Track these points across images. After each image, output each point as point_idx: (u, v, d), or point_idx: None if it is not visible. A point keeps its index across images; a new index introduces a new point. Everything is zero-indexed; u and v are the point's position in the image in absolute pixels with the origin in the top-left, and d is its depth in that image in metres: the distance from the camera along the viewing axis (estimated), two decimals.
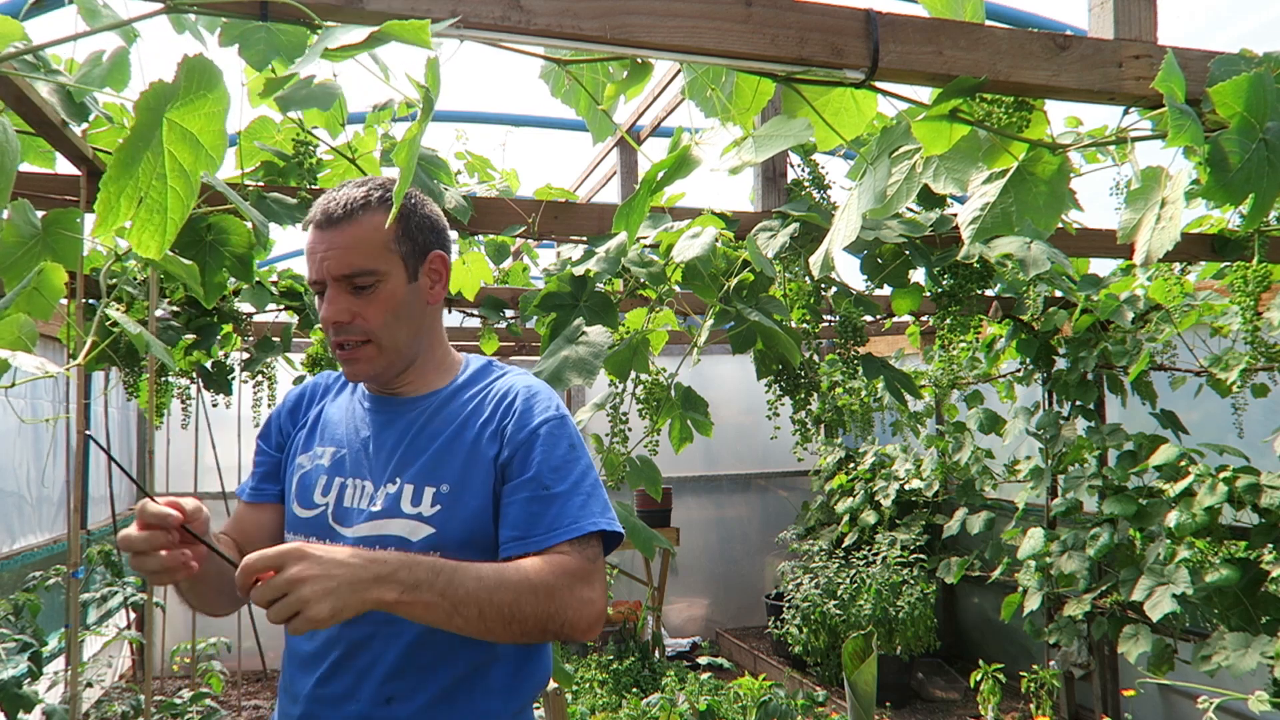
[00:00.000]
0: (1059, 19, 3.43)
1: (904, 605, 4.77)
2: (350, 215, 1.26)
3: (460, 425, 1.32)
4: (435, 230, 1.34)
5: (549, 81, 1.71)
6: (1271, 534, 3.00)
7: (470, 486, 1.27)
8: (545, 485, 1.25)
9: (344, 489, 1.34)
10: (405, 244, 1.29)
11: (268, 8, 0.99)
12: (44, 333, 3.67)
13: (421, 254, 1.32)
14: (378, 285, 1.26)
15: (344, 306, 1.26)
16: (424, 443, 1.31)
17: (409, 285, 1.30)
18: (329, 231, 1.26)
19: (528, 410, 1.30)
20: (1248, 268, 2.63)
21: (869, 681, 2.08)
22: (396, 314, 1.29)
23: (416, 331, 1.33)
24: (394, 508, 1.28)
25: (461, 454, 1.29)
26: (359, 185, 1.30)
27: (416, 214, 1.32)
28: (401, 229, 1.29)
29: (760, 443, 6.21)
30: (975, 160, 1.30)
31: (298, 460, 1.41)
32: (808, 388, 2.22)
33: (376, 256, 1.26)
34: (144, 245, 1.00)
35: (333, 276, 1.26)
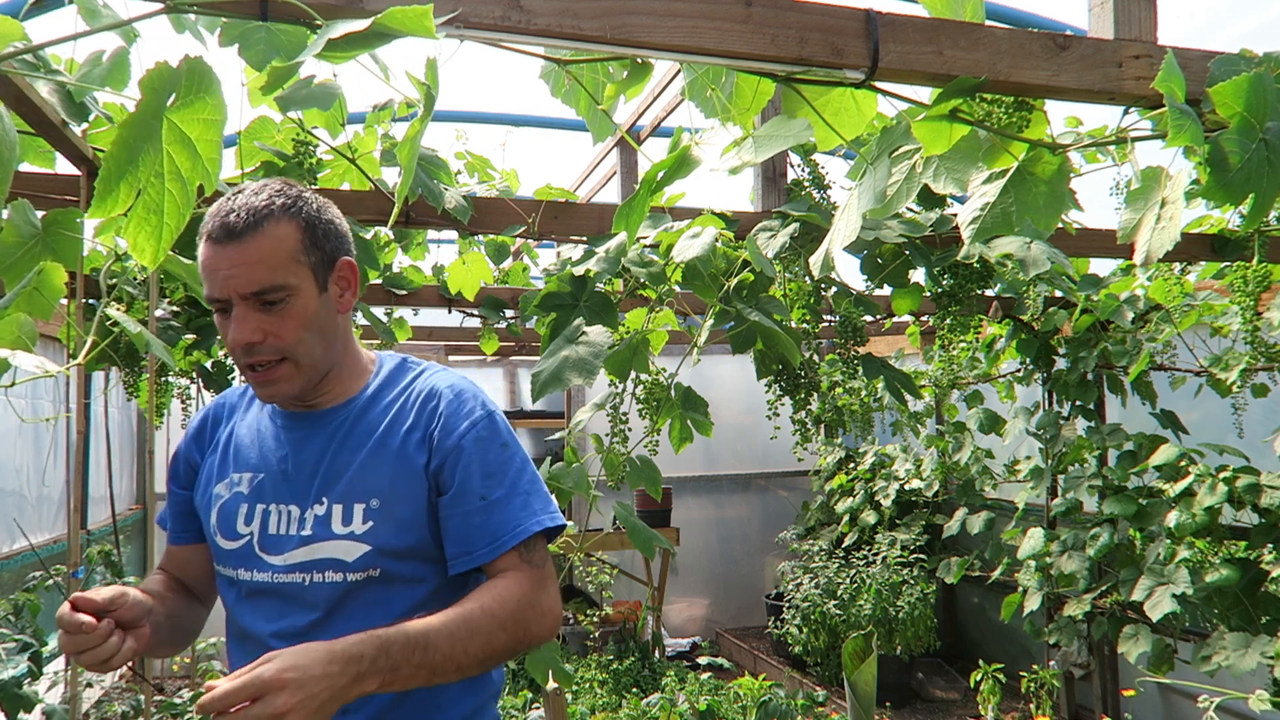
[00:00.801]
0: (1059, 19, 3.43)
1: (904, 605, 4.77)
2: (254, 227, 1.17)
3: (384, 434, 1.27)
4: (341, 236, 1.27)
5: (549, 81, 1.71)
6: (1271, 534, 3.00)
7: (401, 497, 1.23)
8: (482, 495, 1.22)
9: (267, 516, 1.28)
10: (313, 254, 1.21)
11: (268, 7, 0.99)
12: (44, 333, 3.67)
13: (330, 262, 1.24)
14: (289, 300, 1.19)
15: (255, 325, 1.18)
16: (347, 456, 1.26)
17: (320, 296, 1.23)
18: (230, 246, 1.17)
19: (454, 414, 1.25)
20: (1248, 268, 2.63)
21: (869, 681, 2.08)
22: (310, 328, 1.22)
23: (331, 343, 1.26)
24: (324, 530, 1.23)
25: (388, 464, 1.24)
26: (257, 192, 1.21)
27: (321, 220, 1.24)
28: (308, 238, 1.21)
29: (760, 443, 6.21)
30: (975, 160, 1.30)
31: (214, 490, 1.34)
32: (808, 388, 2.22)
33: (286, 270, 1.18)
34: (140, 249, 1.00)
35: (240, 294, 1.17)
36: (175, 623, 1.33)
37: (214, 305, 1.20)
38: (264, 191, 1.21)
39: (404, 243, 3.01)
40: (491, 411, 1.28)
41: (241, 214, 1.17)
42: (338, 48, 0.94)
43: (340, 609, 1.22)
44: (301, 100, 1.69)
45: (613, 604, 5.44)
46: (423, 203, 2.17)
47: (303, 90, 1.69)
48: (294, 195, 1.22)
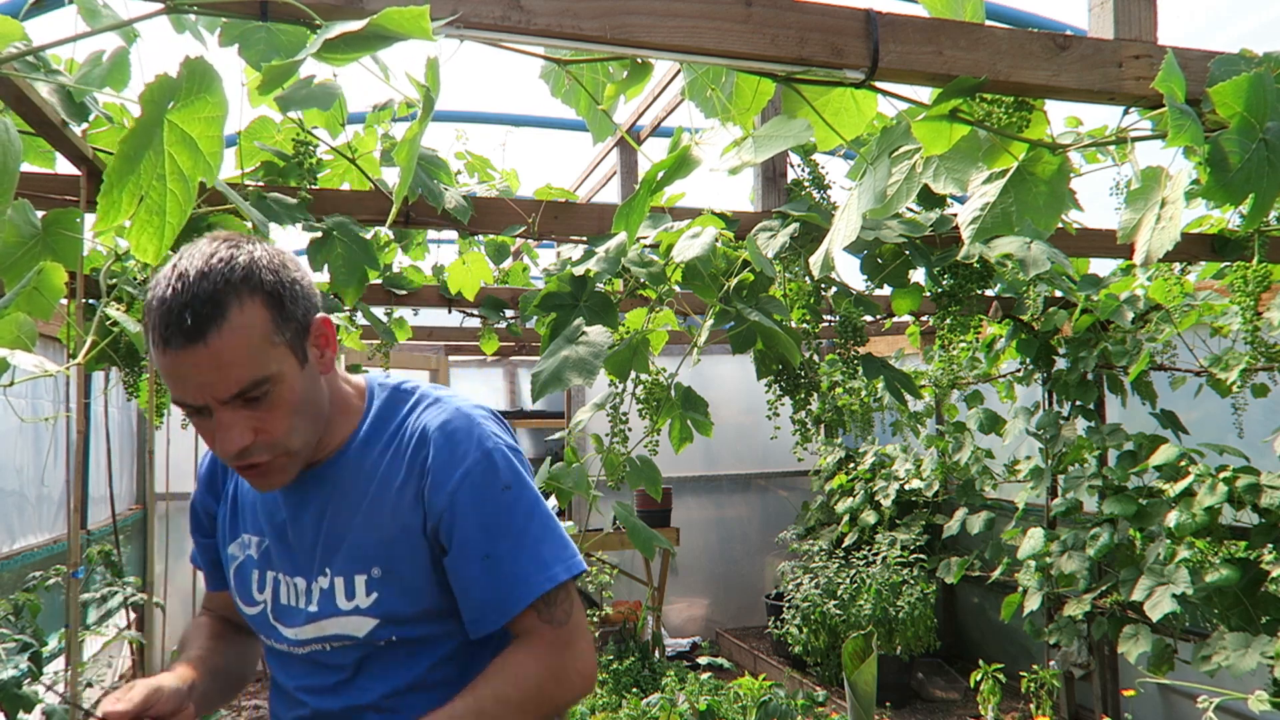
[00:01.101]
0: (1059, 19, 3.43)
1: (904, 605, 4.77)
2: (213, 320, 0.99)
3: (377, 491, 1.15)
4: (308, 294, 1.11)
5: (549, 81, 1.71)
6: (1271, 534, 3.00)
7: (403, 562, 1.13)
8: (485, 553, 1.10)
9: (278, 585, 1.21)
10: (286, 328, 1.06)
11: (268, 8, 0.99)
12: (44, 333, 3.67)
13: (304, 330, 1.09)
14: (272, 390, 1.05)
15: (241, 429, 1.04)
16: (343, 521, 1.16)
17: (303, 371, 1.09)
18: (192, 350, 0.99)
19: (444, 463, 1.12)
20: (1248, 268, 2.63)
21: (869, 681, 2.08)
22: (300, 410, 1.09)
23: (321, 414, 1.14)
24: (330, 606, 1.15)
25: (384, 528, 1.13)
26: (204, 271, 1.01)
27: (284, 285, 1.07)
28: (276, 314, 1.05)
29: (760, 443, 6.21)
30: (975, 160, 1.30)
31: (230, 550, 1.27)
32: (808, 388, 2.22)
33: (262, 359, 1.03)
34: (142, 248, 1.00)
35: (219, 400, 1.02)
36: (227, 679, 1.29)
37: (184, 409, 1.06)
38: (209, 267, 1.02)
39: (404, 243, 3.01)
40: (488, 450, 1.13)
41: (195, 309, 0.99)
42: (337, 49, 0.94)
43: (364, 669, 1.17)
44: (301, 100, 1.69)
45: (613, 604, 5.44)
46: (423, 203, 2.17)
47: (302, 90, 1.69)
48: (245, 264, 1.04)
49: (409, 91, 1.12)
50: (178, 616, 5.10)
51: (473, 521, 1.11)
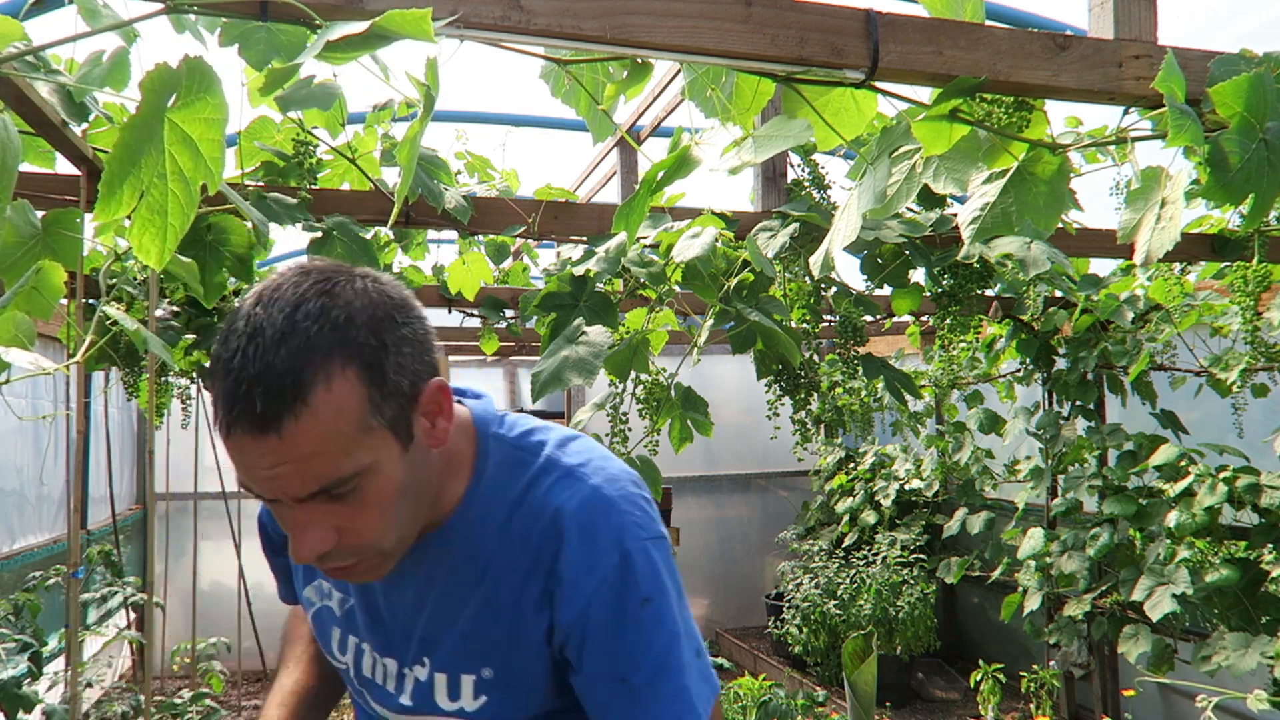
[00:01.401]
0: (1059, 19, 3.43)
1: (904, 605, 4.77)
2: (291, 406, 0.76)
3: (493, 583, 0.94)
4: (418, 353, 0.86)
5: (549, 81, 1.71)
6: (1271, 534, 3.00)
7: (520, 668, 0.94)
8: (623, 677, 0.91)
9: (361, 656, 1.03)
10: (388, 407, 0.82)
11: (268, 8, 0.99)
12: (44, 333, 3.67)
13: (411, 400, 0.85)
14: (364, 484, 0.82)
15: (323, 531, 0.83)
16: (450, 610, 0.95)
17: (406, 455, 0.85)
18: (259, 440, 0.77)
19: (579, 569, 0.90)
20: (1248, 268, 2.63)
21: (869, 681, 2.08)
22: (398, 505, 0.86)
23: (426, 496, 0.92)
24: (428, 703, 0.97)
25: (501, 627, 0.94)
26: (283, 335, 0.77)
27: (390, 352, 0.82)
28: (375, 390, 0.81)
29: (760, 443, 6.22)
30: (975, 160, 1.30)
31: (305, 592, 1.10)
32: (808, 388, 2.22)
33: (351, 451, 0.80)
34: (145, 250, 1.00)
35: (294, 499, 0.81)
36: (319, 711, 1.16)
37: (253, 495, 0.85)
38: (293, 326, 0.78)
39: (404, 243, 3.01)
40: (627, 552, 0.91)
41: (268, 387, 0.76)
42: (337, 49, 0.94)
43: None
44: (301, 100, 1.69)
45: None
46: (423, 203, 2.17)
47: (303, 90, 1.69)
48: (341, 321, 0.79)
49: (409, 91, 1.12)
50: (178, 616, 5.10)
51: (604, 645, 0.91)
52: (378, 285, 0.85)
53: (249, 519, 5.35)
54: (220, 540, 5.21)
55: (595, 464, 0.97)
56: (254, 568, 5.25)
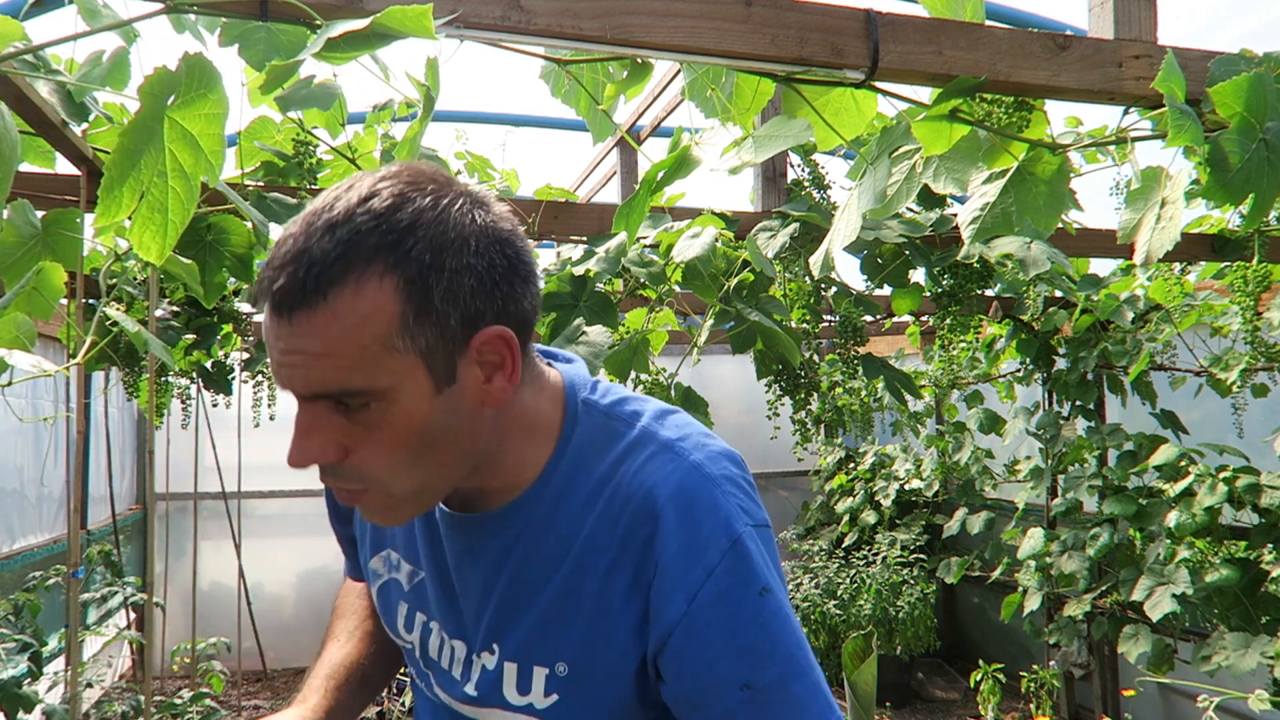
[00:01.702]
0: (1059, 19, 3.43)
1: (904, 605, 4.77)
2: (313, 294, 0.70)
3: (576, 567, 0.83)
4: (490, 289, 0.75)
5: (549, 81, 1.71)
6: (1271, 534, 3.00)
7: (599, 667, 0.83)
8: (745, 681, 0.78)
9: (428, 635, 0.94)
10: (426, 335, 0.73)
11: (268, 8, 0.99)
12: (44, 333, 3.67)
13: (460, 339, 0.75)
14: (374, 408, 0.74)
15: (322, 441, 0.75)
16: (525, 591, 0.85)
17: (439, 396, 0.75)
18: (277, 321, 0.72)
19: (680, 556, 0.79)
20: (1248, 268, 2.63)
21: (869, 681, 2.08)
22: (416, 448, 0.76)
23: (463, 456, 0.80)
24: (495, 694, 0.87)
25: (583, 618, 0.83)
26: (334, 223, 0.71)
27: (444, 275, 0.73)
28: (415, 309, 0.72)
29: (760, 443, 6.19)
30: (975, 160, 1.30)
31: (371, 564, 1.00)
32: (808, 388, 2.22)
33: (368, 365, 0.72)
34: (145, 247, 1.00)
35: (299, 394, 0.75)
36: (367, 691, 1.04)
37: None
38: (349, 216, 0.72)
39: None
40: (738, 538, 0.80)
41: (302, 268, 0.70)
42: (337, 48, 0.94)
43: None
44: (301, 100, 1.69)
45: None
46: None
47: (303, 90, 1.69)
48: (401, 227, 0.72)
49: (409, 91, 1.12)
50: (178, 616, 5.10)
51: (722, 643, 0.78)
52: (473, 209, 0.76)
53: (249, 519, 5.36)
54: (220, 540, 5.21)
55: (696, 439, 0.85)
56: (254, 568, 5.25)
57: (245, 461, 4.78)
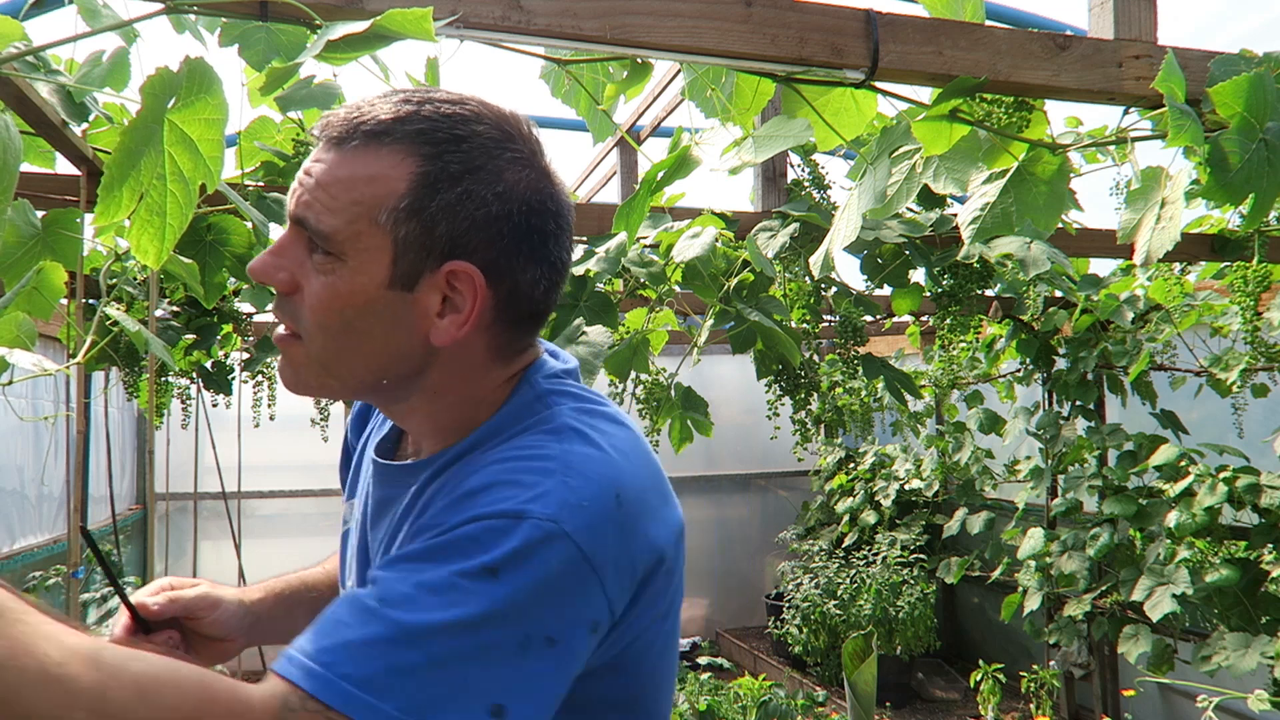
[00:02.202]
0: (1059, 19, 3.43)
1: (904, 605, 4.77)
2: (356, 134, 0.76)
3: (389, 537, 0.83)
4: (491, 228, 0.76)
5: (549, 81, 1.71)
6: (1271, 534, 3.00)
7: None
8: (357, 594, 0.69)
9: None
10: (409, 228, 0.75)
11: (268, 8, 0.99)
12: (44, 333, 3.67)
13: (437, 254, 0.76)
14: (332, 259, 0.76)
15: (283, 261, 0.78)
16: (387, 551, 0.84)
17: (387, 290, 0.76)
18: (322, 147, 0.78)
19: (456, 503, 0.72)
20: (1248, 268, 2.63)
21: (869, 681, 2.08)
22: (345, 322, 0.77)
23: (379, 364, 0.79)
24: None
25: None
26: (400, 103, 0.77)
27: (453, 189, 0.75)
28: (414, 200, 0.75)
29: (760, 443, 6.21)
30: (975, 160, 1.30)
31: (344, 512, 0.99)
32: (808, 388, 2.22)
33: (346, 218, 0.75)
34: (143, 250, 1.00)
35: (290, 214, 0.79)
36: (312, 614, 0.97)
37: None
38: (412, 109, 0.76)
39: None
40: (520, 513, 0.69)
41: (365, 113, 0.77)
42: (337, 49, 0.95)
43: None
44: (301, 100, 1.69)
45: None
46: None
47: (303, 90, 1.69)
48: (441, 138, 0.75)
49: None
50: None
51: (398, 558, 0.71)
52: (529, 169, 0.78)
53: (249, 519, 5.36)
54: (220, 540, 5.21)
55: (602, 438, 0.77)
56: (254, 567, 5.24)
57: (245, 461, 4.78)
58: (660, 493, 0.81)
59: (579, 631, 0.71)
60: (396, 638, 0.65)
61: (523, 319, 0.82)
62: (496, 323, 0.80)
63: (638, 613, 0.76)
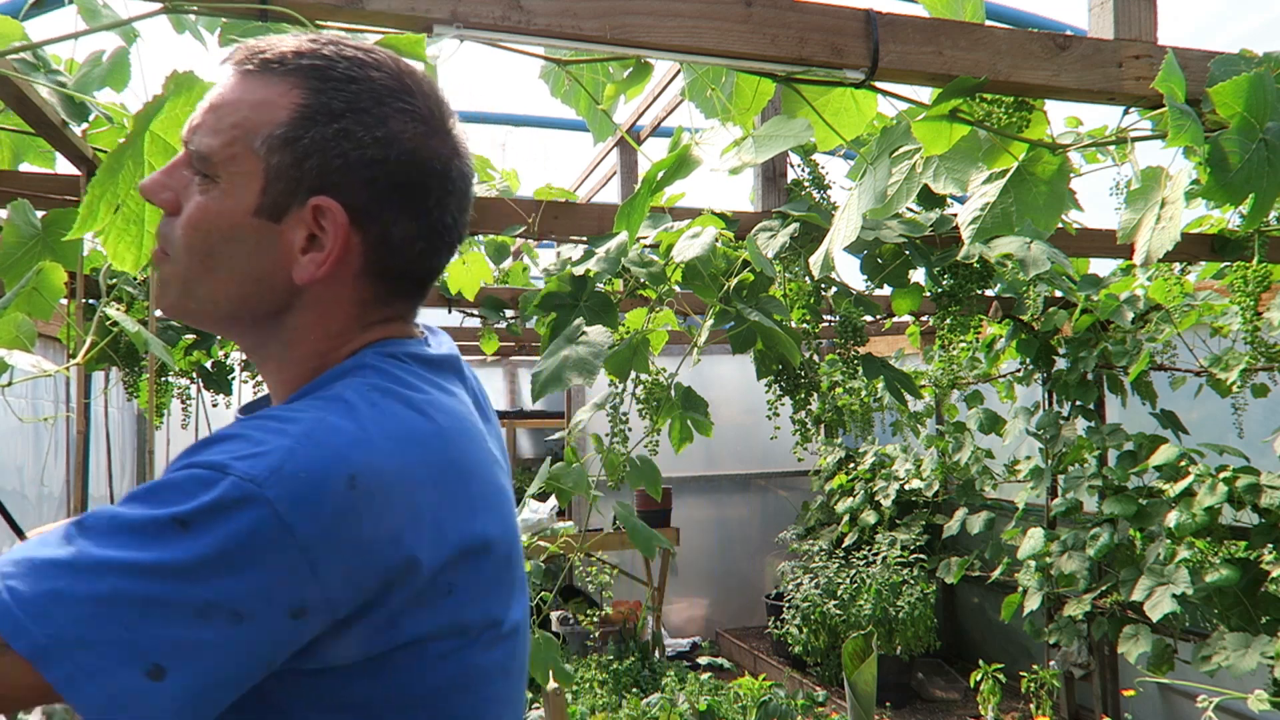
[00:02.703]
0: (1059, 19, 3.43)
1: (904, 605, 4.77)
2: (254, 61, 0.77)
3: None
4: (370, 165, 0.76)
5: (548, 82, 1.71)
6: (1271, 534, 3.00)
7: None
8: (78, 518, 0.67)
9: None
10: (283, 155, 0.75)
11: (268, 8, 0.99)
12: (44, 333, 3.67)
13: (304, 187, 0.76)
14: (208, 185, 0.77)
15: (169, 183, 0.79)
16: None
17: (253, 218, 0.76)
18: (226, 72, 0.79)
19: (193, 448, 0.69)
20: (1248, 268, 2.63)
21: (869, 681, 2.08)
22: (210, 243, 0.77)
23: (239, 294, 0.79)
24: None
25: None
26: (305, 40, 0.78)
27: (331, 125, 0.75)
28: (292, 127, 0.75)
29: (760, 443, 6.21)
30: (975, 160, 1.30)
31: None
32: (808, 388, 2.22)
33: (225, 140, 0.76)
34: (120, 257, 1.00)
35: (183, 135, 0.80)
36: None
37: None
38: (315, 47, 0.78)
39: None
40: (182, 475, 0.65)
41: (270, 45, 0.78)
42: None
43: None
44: None
45: (613, 604, 5.45)
46: None
47: None
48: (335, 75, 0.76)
49: None
50: None
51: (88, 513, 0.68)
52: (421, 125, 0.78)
53: None
54: None
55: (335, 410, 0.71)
56: None
57: None
58: (449, 498, 0.73)
59: (274, 612, 0.64)
60: (72, 565, 0.61)
61: (392, 276, 0.81)
62: (365, 275, 0.79)
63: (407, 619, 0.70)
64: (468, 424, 0.80)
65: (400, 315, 0.84)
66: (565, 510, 5.20)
